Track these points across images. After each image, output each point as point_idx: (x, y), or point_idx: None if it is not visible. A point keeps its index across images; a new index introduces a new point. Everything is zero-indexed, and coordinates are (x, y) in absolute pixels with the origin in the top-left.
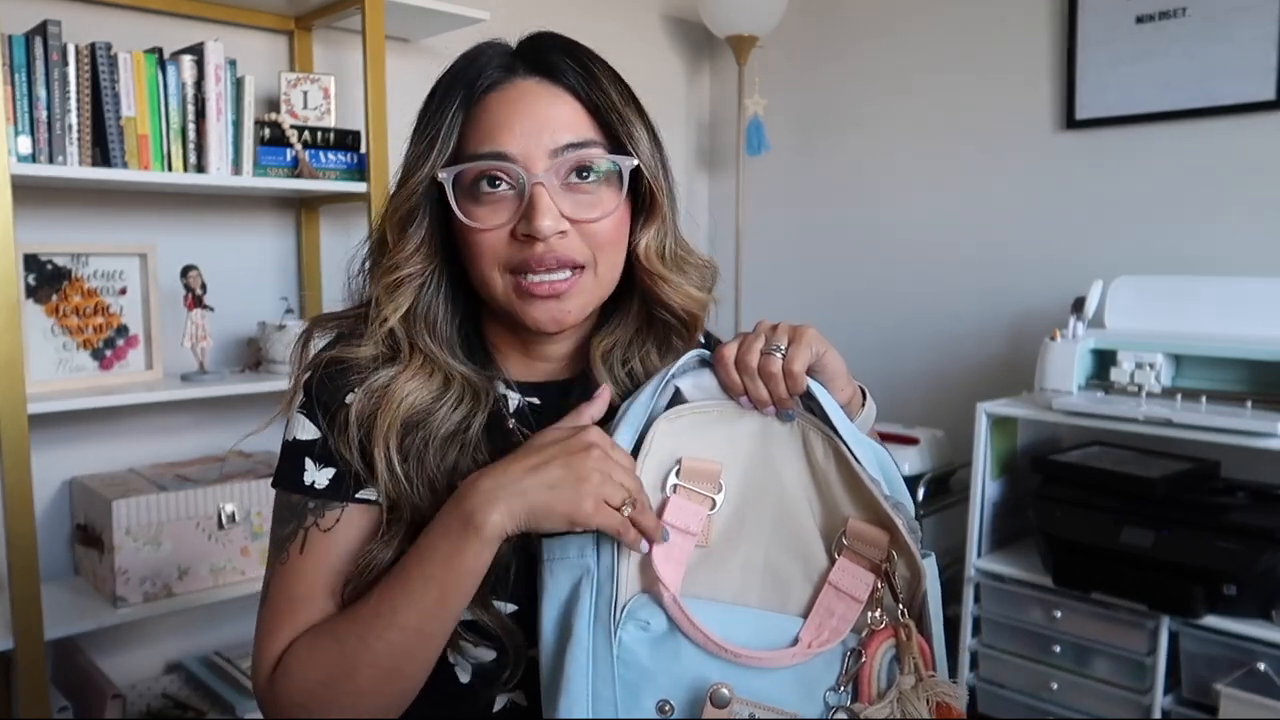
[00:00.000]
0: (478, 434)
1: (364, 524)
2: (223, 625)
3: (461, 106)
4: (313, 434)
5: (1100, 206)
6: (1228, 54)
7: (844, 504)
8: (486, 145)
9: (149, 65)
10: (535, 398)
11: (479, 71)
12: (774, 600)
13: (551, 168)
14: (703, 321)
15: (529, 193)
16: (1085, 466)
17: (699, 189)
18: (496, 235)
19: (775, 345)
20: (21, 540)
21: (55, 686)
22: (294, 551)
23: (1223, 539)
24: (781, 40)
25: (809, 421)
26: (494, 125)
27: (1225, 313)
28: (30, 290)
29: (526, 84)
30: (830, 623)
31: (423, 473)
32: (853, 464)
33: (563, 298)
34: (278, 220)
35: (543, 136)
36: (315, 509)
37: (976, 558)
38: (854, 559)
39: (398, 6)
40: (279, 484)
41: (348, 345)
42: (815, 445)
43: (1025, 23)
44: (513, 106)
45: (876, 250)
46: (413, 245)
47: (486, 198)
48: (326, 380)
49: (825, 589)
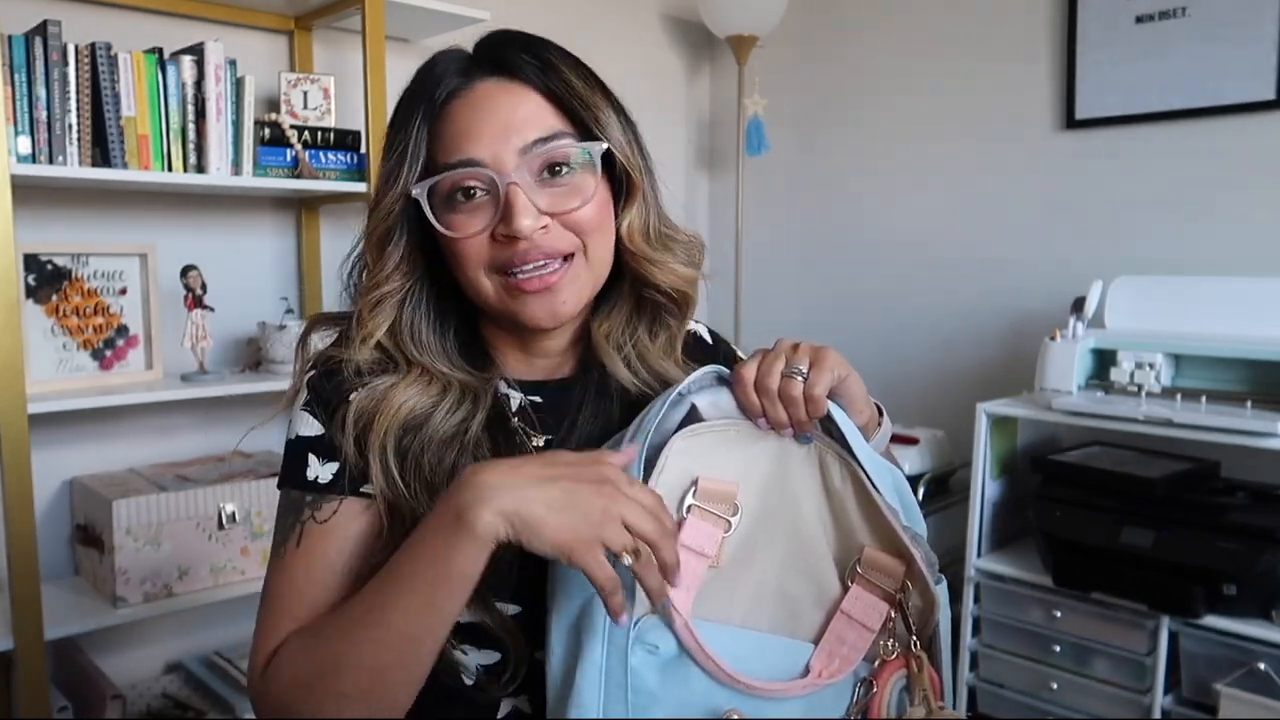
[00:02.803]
0: (477, 434)
1: (365, 518)
2: (223, 625)
3: (425, 119)
4: (316, 430)
5: (1100, 206)
6: (1228, 54)
7: (860, 531)
8: (455, 154)
9: (149, 65)
10: (537, 396)
11: (437, 81)
12: (785, 624)
13: (523, 165)
14: (694, 300)
15: (504, 194)
16: (1085, 466)
17: (699, 189)
18: (478, 240)
19: (796, 368)
20: (21, 540)
21: (55, 686)
22: (290, 547)
23: (1223, 539)
24: (781, 40)
25: (826, 445)
26: (459, 133)
27: (1225, 313)
28: (30, 290)
29: (486, 86)
30: (841, 651)
31: (420, 476)
32: (871, 492)
33: (555, 289)
34: (278, 220)
35: (510, 136)
36: (312, 502)
37: (976, 558)
38: (868, 587)
39: (398, 6)
40: (284, 484)
41: (349, 347)
42: (832, 470)
43: (1025, 23)
44: (475, 110)
45: (876, 250)
46: (392, 263)
47: (463, 206)
48: (329, 376)
49: (837, 617)
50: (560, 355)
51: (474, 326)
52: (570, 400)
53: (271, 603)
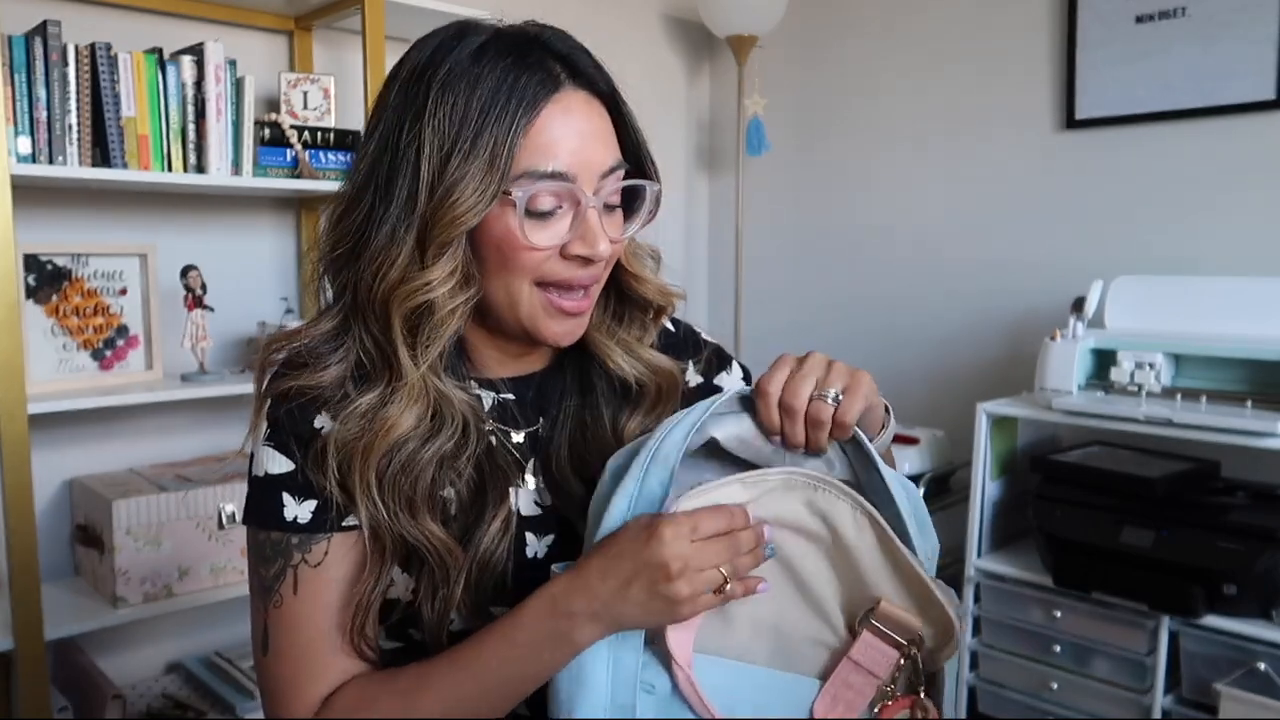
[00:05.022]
0: (467, 454)
1: (354, 553)
2: (223, 625)
3: (525, 115)
4: (286, 467)
5: (1100, 206)
6: (1228, 54)
7: (876, 577)
8: (548, 163)
9: (149, 65)
10: (512, 394)
11: (537, 79)
12: (781, 659)
13: (600, 190)
14: (670, 309)
15: (585, 215)
16: (1085, 466)
17: (699, 189)
18: (545, 254)
19: (829, 391)
20: (21, 540)
21: (55, 686)
22: (286, 593)
23: (1223, 539)
24: (781, 40)
25: (839, 491)
26: (552, 142)
27: (1225, 313)
28: (30, 290)
29: (576, 96)
30: (847, 695)
31: (400, 496)
32: (895, 544)
33: (583, 315)
34: (278, 220)
35: (593, 156)
36: (300, 544)
37: (976, 557)
38: (880, 637)
39: (398, 6)
40: (253, 521)
41: (309, 373)
42: (843, 518)
43: (1025, 23)
44: (567, 121)
45: (876, 250)
46: (450, 267)
47: (544, 216)
48: (295, 410)
49: (844, 663)
50: (537, 351)
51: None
52: (550, 391)
53: (288, 655)
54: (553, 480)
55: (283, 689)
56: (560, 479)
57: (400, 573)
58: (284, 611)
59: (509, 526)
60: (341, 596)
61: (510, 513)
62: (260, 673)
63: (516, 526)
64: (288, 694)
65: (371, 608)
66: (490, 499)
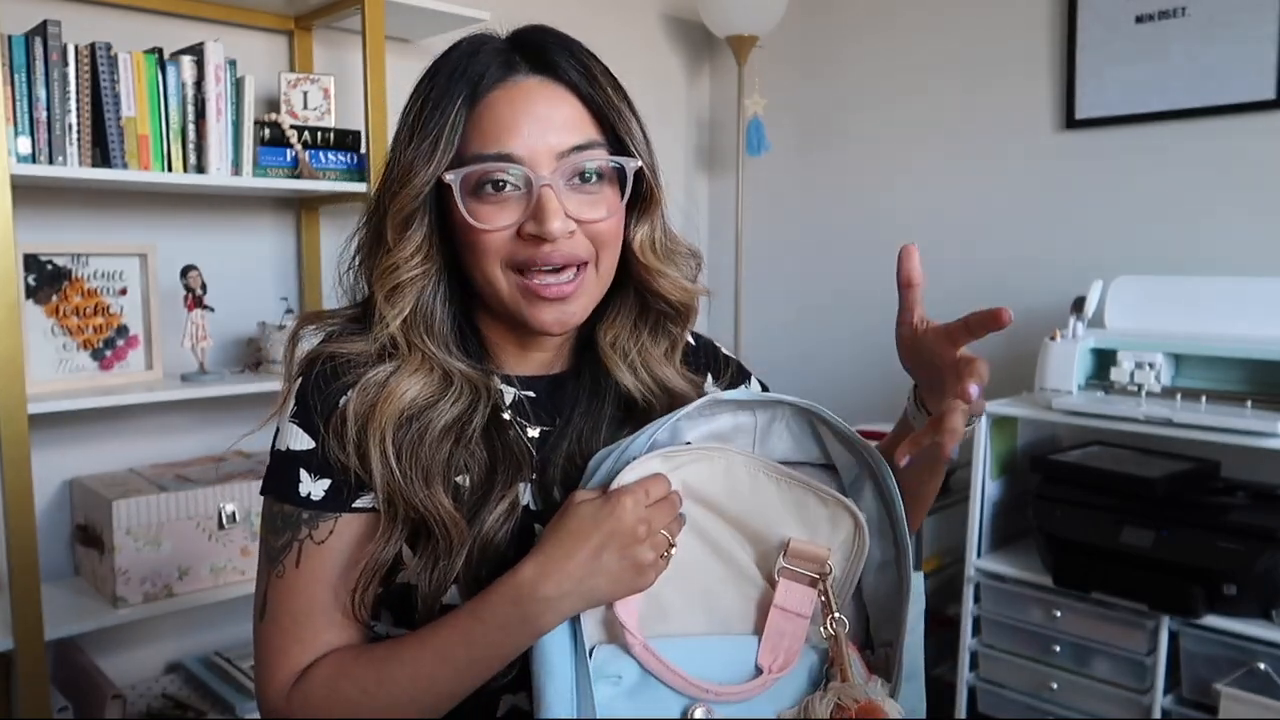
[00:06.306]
0: (476, 427)
1: (360, 532)
2: (223, 625)
3: (465, 105)
4: (307, 444)
5: (1100, 206)
6: (1228, 54)
7: (785, 522)
8: (492, 146)
9: (149, 65)
10: (531, 391)
11: (481, 69)
12: (717, 625)
13: (558, 169)
14: (695, 310)
15: (537, 194)
16: (1085, 466)
17: (699, 189)
18: (502, 235)
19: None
20: (21, 540)
21: (55, 686)
22: (289, 565)
23: (1223, 539)
24: (781, 40)
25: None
26: (499, 126)
27: (1225, 313)
28: (30, 290)
29: (529, 83)
30: (783, 644)
31: (417, 465)
32: (790, 478)
33: (569, 299)
34: (277, 220)
35: (548, 137)
36: (309, 520)
37: (976, 558)
38: (795, 578)
39: (398, 6)
40: (270, 492)
41: (341, 341)
42: (739, 473)
43: (1025, 23)
44: (516, 107)
45: (876, 250)
46: (412, 247)
47: (491, 198)
48: (321, 384)
49: (772, 612)
50: (555, 351)
51: (471, 319)
52: (564, 396)
53: (280, 622)
54: (545, 483)
55: (271, 654)
56: (550, 483)
57: (412, 556)
58: (284, 582)
59: (514, 511)
60: (340, 571)
61: (517, 499)
62: (255, 637)
63: (524, 518)
64: (275, 659)
65: (377, 574)
66: (499, 480)
